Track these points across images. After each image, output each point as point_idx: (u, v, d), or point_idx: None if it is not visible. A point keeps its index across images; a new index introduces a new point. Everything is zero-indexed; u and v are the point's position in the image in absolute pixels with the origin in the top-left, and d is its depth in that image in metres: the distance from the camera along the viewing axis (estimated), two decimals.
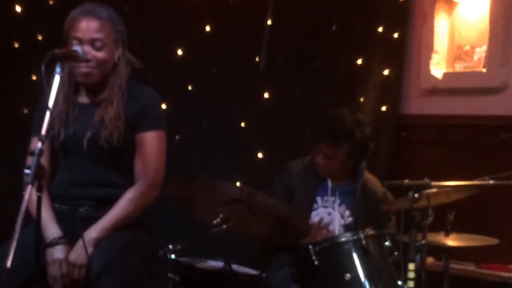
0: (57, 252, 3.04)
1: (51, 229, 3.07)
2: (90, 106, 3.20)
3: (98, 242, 3.06)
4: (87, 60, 3.08)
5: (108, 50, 3.14)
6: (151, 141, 3.19)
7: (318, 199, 3.95)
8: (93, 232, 3.07)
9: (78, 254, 3.03)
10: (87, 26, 3.10)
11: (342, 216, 3.94)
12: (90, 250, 2.99)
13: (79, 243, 3.02)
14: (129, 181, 3.20)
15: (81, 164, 3.15)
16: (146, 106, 3.21)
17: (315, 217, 3.93)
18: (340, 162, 3.87)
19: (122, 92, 3.19)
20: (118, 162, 3.19)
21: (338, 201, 3.94)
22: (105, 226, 3.10)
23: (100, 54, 3.12)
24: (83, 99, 3.22)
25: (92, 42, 3.10)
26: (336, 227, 3.91)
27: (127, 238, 3.11)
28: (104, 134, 3.11)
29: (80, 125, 3.16)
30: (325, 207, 3.95)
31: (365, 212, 3.92)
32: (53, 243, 3.05)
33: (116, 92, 3.17)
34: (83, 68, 3.10)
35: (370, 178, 4.02)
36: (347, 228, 3.88)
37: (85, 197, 3.15)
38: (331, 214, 3.94)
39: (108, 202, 3.15)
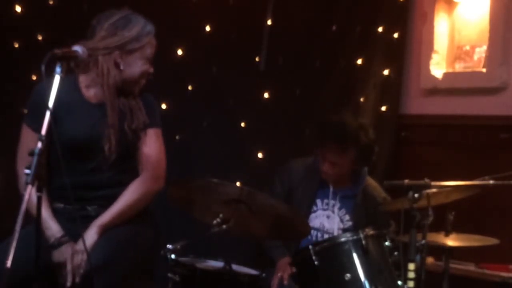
0: (63, 254, 3.04)
1: (52, 228, 3.08)
2: (97, 106, 3.22)
3: (103, 230, 3.08)
4: (150, 74, 3.28)
5: None
6: (152, 137, 3.27)
7: (318, 201, 3.94)
8: (98, 221, 3.10)
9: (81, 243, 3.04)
10: (155, 44, 3.30)
11: (342, 220, 3.94)
12: (94, 238, 3.04)
13: (85, 233, 3.05)
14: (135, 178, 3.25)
15: (88, 167, 3.17)
16: (148, 106, 3.30)
17: (314, 219, 3.93)
18: (346, 167, 3.86)
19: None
20: (124, 162, 3.21)
21: (338, 204, 3.93)
22: (109, 215, 3.12)
23: None
24: (92, 99, 3.24)
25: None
26: (335, 231, 3.90)
27: (127, 232, 3.13)
28: (137, 123, 3.21)
29: (92, 125, 3.18)
30: (324, 210, 3.94)
31: (365, 216, 3.91)
32: (55, 245, 3.06)
33: None
34: (146, 80, 3.28)
35: (372, 183, 4.01)
36: (345, 232, 3.87)
37: (95, 198, 3.18)
38: (330, 217, 3.94)
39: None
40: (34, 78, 4.45)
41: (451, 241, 3.43)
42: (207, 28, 4.73)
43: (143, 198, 3.21)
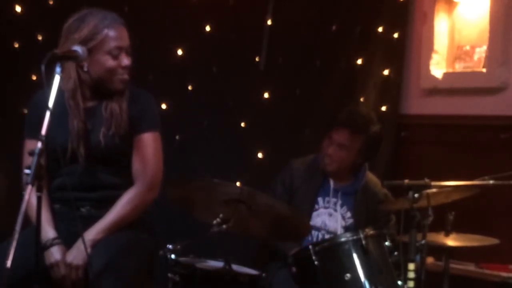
0: (53, 255, 3.03)
1: (46, 231, 3.05)
2: (94, 108, 3.20)
3: (95, 244, 3.05)
4: (128, 67, 3.14)
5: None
6: (149, 143, 3.20)
7: (320, 200, 3.95)
8: (90, 234, 3.06)
9: (75, 255, 3.02)
10: (122, 35, 3.14)
11: (343, 218, 3.94)
12: (88, 251, 2.98)
13: (77, 244, 3.02)
14: (129, 183, 3.20)
15: (81, 169, 3.15)
16: (143, 108, 3.22)
17: (316, 218, 3.93)
18: (351, 155, 3.85)
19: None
20: (117, 165, 3.19)
21: (339, 202, 3.93)
22: (102, 227, 3.09)
23: (130, 59, 3.17)
24: (90, 103, 3.20)
25: (127, 49, 3.15)
26: (338, 228, 3.91)
27: (127, 239, 3.11)
28: (114, 128, 3.13)
29: (86, 129, 3.16)
30: (326, 208, 3.94)
31: (365, 213, 3.92)
32: (47, 246, 3.04)
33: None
34: (125, 75, 3.15)
35: (372, 178, 4.01)
36: (347, 229, 3.87)
37: (87, 199, 3.16)
38: (332, 215, 3.94)
39: (110, 202, 3.15)
40: (34, 78, 4.45)
41: (451, 241, 3.43)
42: (207, 28, 4.73)
43: (136, 210, 3.17)
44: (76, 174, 3.13)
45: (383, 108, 4.89)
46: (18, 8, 4.61)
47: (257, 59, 4.74)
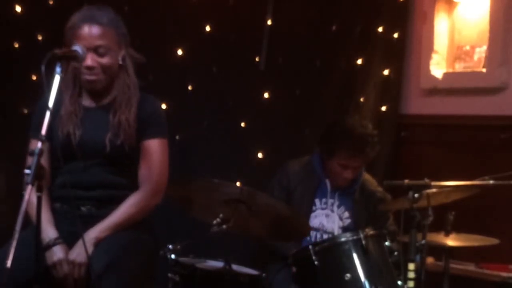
0: (56, 254, 3.03)
1: (47, 231, 3.05)
2: (95, 109, 3.20)
3: (98, 242, 3.06)
4: (91, 68, 3.09)
5: (112, 54, 3.14)
6: (156, 149, 3.22)
7: (317, 201, 3.95)
8: (93, 233, 3.07)
9: (78, 252, 3.03)
10: (89, 33, 3.09)
11: (341, 218, 3.95)
12: (90, 250, 2.99)
13: (79, 242, 3.02)
14: (132, 184, 3.21)
15: (82, 168, 3.15)
16: (150, 114, 3.23)
17: (313, 219, 3.93)
18: (362, 168, 3.95)
19: (136, 93, 3.21)
20: (120, 165, 3.19)
21: (337, 203, 3.94)
22: (105, 227, 3.10)
23: (104, 60, 3.12)
24: (87, 102, 3.22)
25: (95, 49, 3.10)
26: (336, 229, 3.91)
27: (128, 239, 3.11)
28: (122, 137, 3.13)
29: (87, 129, 3.16)
30: (323, 209, 3.95)
31: (364, 212, 3.92)
32: (49, 245, 3.04)
33: (126, 92, 3.18)
34: (87, 75, 3.12)
35: (369, 178, 4.03)
36: (345, 230, 3.88)
37: (88, 198, 3.16)
38: (329, 216, 3.94)
39: (111, 202, 3.16)
40: (34, 78, 4.45)
41: (451, 241, 3.43)
42: (207, 28, 4.72)
43: (140, 213, 3.18)
44: (77, 172, 3.14)
45: (383, 108, 4.89)
46: (18, 8, 4.60)
47: (257, 59, 4.74)
